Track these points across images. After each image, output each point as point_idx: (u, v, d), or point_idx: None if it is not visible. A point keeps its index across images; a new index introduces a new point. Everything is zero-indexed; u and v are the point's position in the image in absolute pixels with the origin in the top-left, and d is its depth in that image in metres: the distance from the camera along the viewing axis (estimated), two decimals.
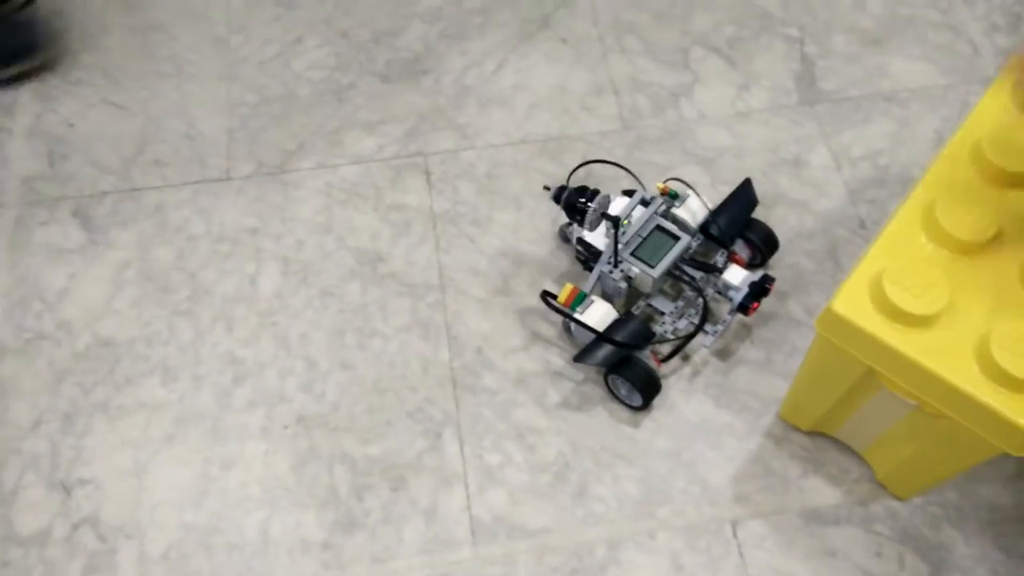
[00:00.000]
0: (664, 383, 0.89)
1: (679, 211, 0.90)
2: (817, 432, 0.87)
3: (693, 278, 0.89)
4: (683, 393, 0.90)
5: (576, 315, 0.85)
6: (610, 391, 0.89)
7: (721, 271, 0.87)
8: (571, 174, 0.96)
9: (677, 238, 0.87)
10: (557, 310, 0.87)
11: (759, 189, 0.95)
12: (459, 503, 0.85)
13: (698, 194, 0.91)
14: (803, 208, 1.01)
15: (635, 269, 0.87)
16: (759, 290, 0.85)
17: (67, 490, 0.86)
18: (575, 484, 0.85)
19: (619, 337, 0.84)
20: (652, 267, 0.86)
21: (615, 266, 0.87)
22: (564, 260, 0.98)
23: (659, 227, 0.88)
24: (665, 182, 0.90)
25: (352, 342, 0.94)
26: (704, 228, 0.91)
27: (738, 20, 1.16)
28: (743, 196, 0.93)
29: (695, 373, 0.91)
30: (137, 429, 0.89)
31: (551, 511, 0.84)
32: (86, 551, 0.83)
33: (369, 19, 1.18)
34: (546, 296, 0.87)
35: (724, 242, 0.90)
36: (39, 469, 0.87)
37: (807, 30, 1.15)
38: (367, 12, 1.18)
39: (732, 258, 0.91)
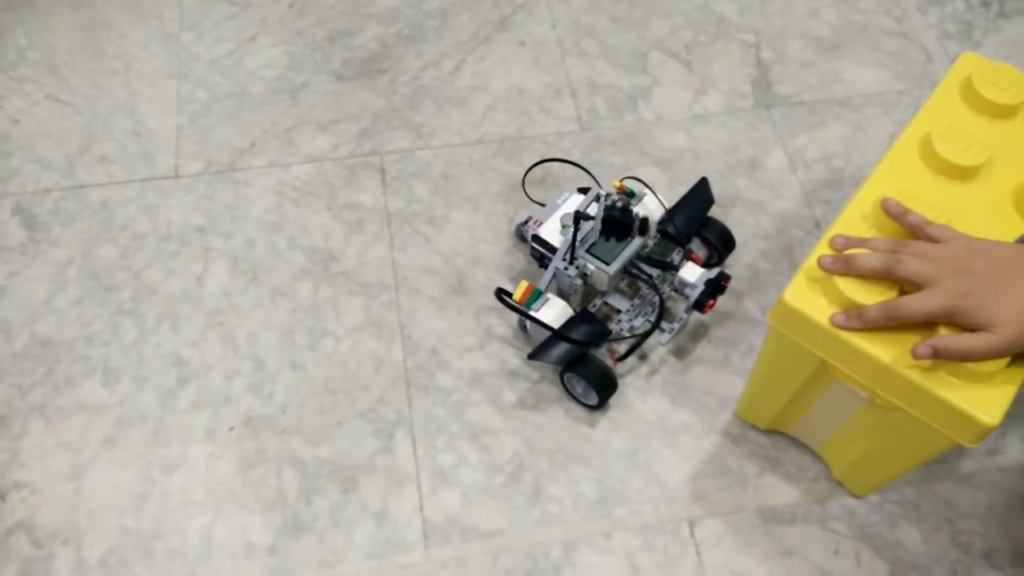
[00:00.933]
0: (621, 381, 0.88)
1: (636, 210, 0.90)
2: (774, 430, 0.86)
3: (650, 276, 0.88)
4: (639, 392, 0.89)
5: (532, 313, 0.84)
6: (566, 390, 0.88)
7: (677, 269, 0.87)
8: (527, 172, 0.95)
9: (633, 236, 0.87)
10: (513, 308, 0.85)
11: (716, 190, 0.95)
12: (411, 505, 0.82)
13: (654, 192, 0.91)
14: (759, 209, 1.01)
15: (590, 266, 0.86)
16: (715, 287, 0.85)
17: (1, 495, 0.82)
18: (530, 484, 0.84)
19: (575, 335, 0.82)
20: (607, 264, 0.85)
21: (571, 263, 0.86)
22: (520, 259, 0.97)
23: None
24: (621, 181, 0.90)
25: (303, 342, 0.92)
26: (661, 227, 0.90)
27: (695, 25, 1.16)
28: (699, 195, 0.92)
29: (652, 372, 0.90)
30: (75, 432, 0.86)
31: (505, 512, 0.82)
32: (19, 557, 0.79)
33: (325, 19, 1.16)
34: (501, 294, 0.85)
35: (680, 240, 0.90)
36: None
37: (763, 36, 1.16)
38: (323, 12, 1.17)
39: (688, 256, 0.90)
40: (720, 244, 0.93)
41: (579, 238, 0.85)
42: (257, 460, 0.85)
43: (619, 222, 0.82)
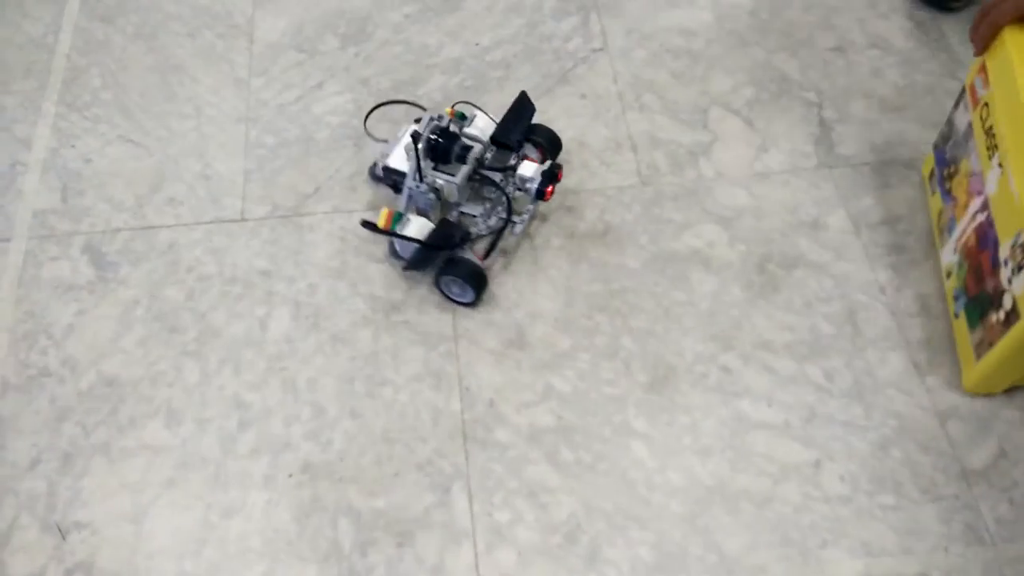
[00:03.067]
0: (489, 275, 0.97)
1: (470, 129, 1.00)
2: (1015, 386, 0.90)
3: (494, 181, 0.98)
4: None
5: (400, 233, 0.93)
6: (444, 295, 0.97)
7: (515, 169, 0.97)
8: (367, 116, 1.10)
9: (470, 147, 0.97)
10: (380, 231, 0.94)
11: (778, 250, 0.94)
12: (467, 561, 0.82)
13: (485, 112, 1.02)
14: (821, 271, 1.00)
15: (439, 180, 0.95)
16: (551, 176, 0.96)
17: (63, 533, 0.83)
18: (586, 546, 0.83)
19: (438, 241, 0.93)
20: (453, 176, 0.95)
21: (420, 180, 0.95)
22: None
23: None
24: (453, 106, 1.02)
25: (362, 390, 0.92)
26: (495, 139, 0.99)
27: (757, 83, 1.17)
28: (523, 107, 1.00)
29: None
30: (137, 472, 0.87)
31: (561, 575, 0.81)
32: None
33: (390, 68, 1.18)
34: (366, 224, 0.94)
35: (513, 146, 0.98)
36: (35, 510, 0.85)
37: (825, 95, 1.15)
38: (388, 61, 1.19)
39: (525, 159, 0.99)
40: (548, 144, 1.04)
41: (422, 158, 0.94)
42: (314, 509, 0.85)
43: (438, 146, 0.94)
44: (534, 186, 0.96)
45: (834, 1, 1.24)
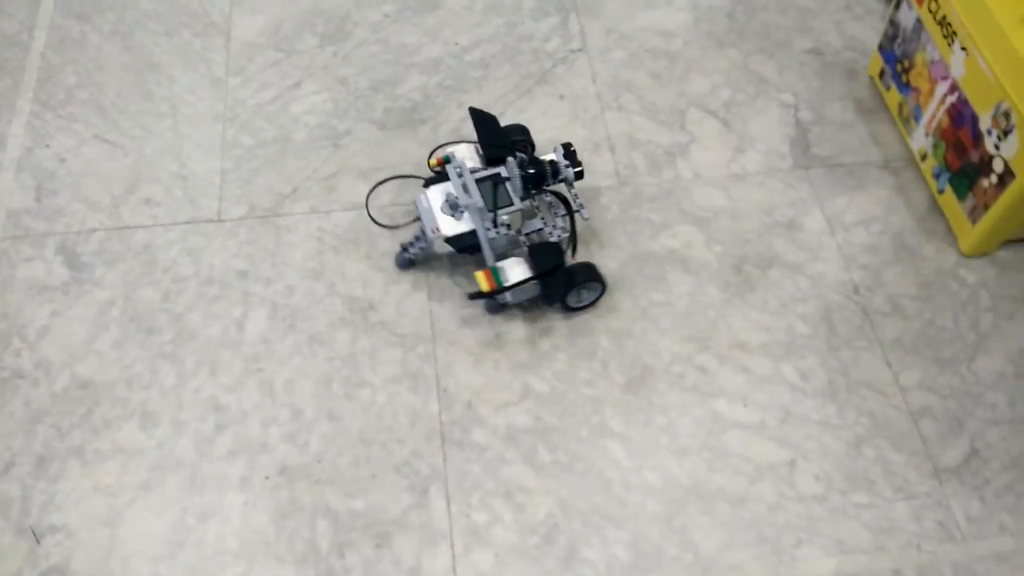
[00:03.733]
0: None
1: (468, 163, 0.98)
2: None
3: (548, 189, 0.96)
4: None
5: (510, 284, 0.91)
6: (572, 309, 0.97)
7: (545, 163, 0.94)
8: (367, 199, 1.05)
9: (496, 175, 0.95)
10: (494, 294, 0.92)
11: (753, 250, 0.95)
12: (444, 563, 0.82)
13: (456, 143, 1.04)
14: (797, 271, 1.01)
15: (505, 216, 0.93)
16: (570, 155, 0.95)
17: (37, 537, 0.83)
18: (563, 546, 0.83)
19: (546, 266, 0.91)
20: (512, 203, 0.94)
21: (496, 225, 0.93)
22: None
23: (477, 182, 0.94)
24: (432, 158, 1.03)
25: (339, 391, 0.92)
26: (491, 158, 0.97)
27: (734, 84, 1.17)
28: (483, 120, 1.00)
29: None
30: (112, 476, 0.86)
31: (538, 575, 0.82)
32: None
33: (368, 67, 1.18)
34: (476, 296, 0.92)
35: (505, 156, 0.96)
36: (8, 514, 0.84)
37: (801, 97, 1.16)
38: (366, 60, 1.19)
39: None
40: (527, 138, 1.04)
41: (460, 208, 0.94)
42: (291, 511, 0.85)
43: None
44: (569, 172, 0.95)
45: (811, 3, 1.25)
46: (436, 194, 0.96)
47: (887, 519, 0.85)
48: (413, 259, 0.99)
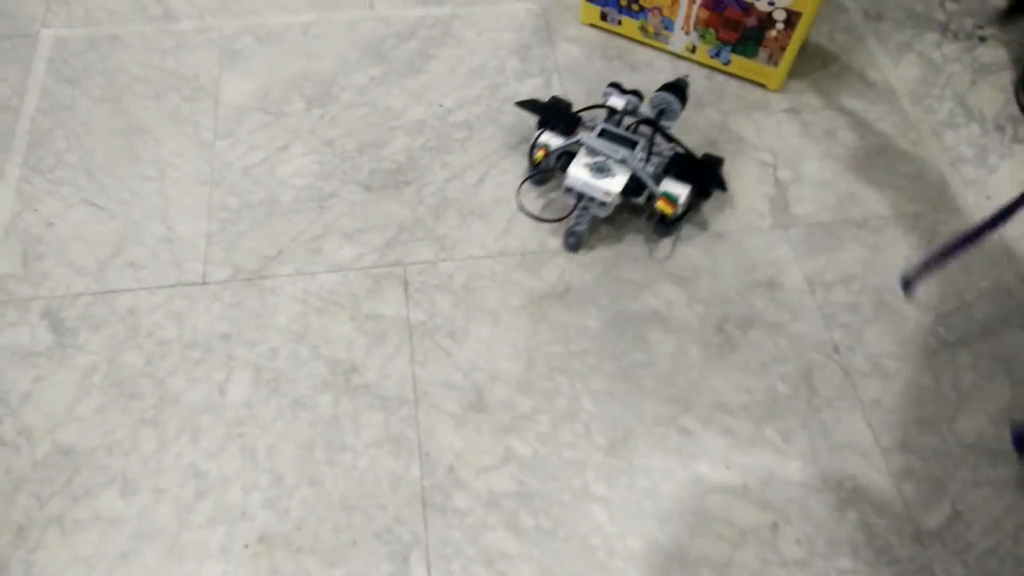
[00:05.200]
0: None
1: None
2: None
3: (653, 122, 1.09)
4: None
5: (682, 200, 1.06)
6: (674, 222, 1.08)
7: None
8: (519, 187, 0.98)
9: (603, 130, 1.09)
10: (679, 219, 1.08)
11: (734, 310, 0.96)
12: None
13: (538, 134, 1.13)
14: (777, 331, 1.02)
15: (641, 153, 1.08)
16: (673, 86, 1.08)
17: None
18: None
19: (715, 167, 1.10)
20: (638, 142, 1.07)
21: (647, 159, 1.08)
22: (540, 366, 0.98)
23: (600, 135, 1.09)
24: (536, 152, 1.11)
25: (321, 456, 0.92)
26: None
27: (712, 144, 1.19)
28: (541, 107, 1.16)
29: None
30: (91, 545, 0.86)
31: None
32: None
33: (354, 130, 1.20)
34: (669, 222, 1.08)
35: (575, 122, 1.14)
36: None
37: (780, 156, 1.18)
38: (352, 123, 1.20)
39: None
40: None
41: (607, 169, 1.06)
42: None
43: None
44: (676, 105, 1.07)
45: None
46: (578, 171, 1.06)
47: None
48: (582, 234, 1.07)
